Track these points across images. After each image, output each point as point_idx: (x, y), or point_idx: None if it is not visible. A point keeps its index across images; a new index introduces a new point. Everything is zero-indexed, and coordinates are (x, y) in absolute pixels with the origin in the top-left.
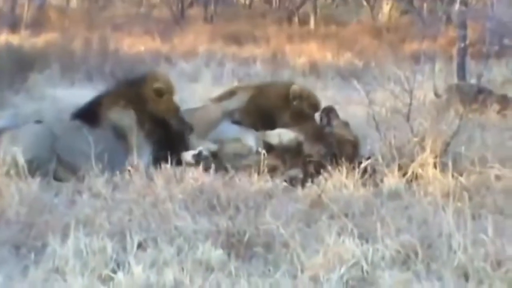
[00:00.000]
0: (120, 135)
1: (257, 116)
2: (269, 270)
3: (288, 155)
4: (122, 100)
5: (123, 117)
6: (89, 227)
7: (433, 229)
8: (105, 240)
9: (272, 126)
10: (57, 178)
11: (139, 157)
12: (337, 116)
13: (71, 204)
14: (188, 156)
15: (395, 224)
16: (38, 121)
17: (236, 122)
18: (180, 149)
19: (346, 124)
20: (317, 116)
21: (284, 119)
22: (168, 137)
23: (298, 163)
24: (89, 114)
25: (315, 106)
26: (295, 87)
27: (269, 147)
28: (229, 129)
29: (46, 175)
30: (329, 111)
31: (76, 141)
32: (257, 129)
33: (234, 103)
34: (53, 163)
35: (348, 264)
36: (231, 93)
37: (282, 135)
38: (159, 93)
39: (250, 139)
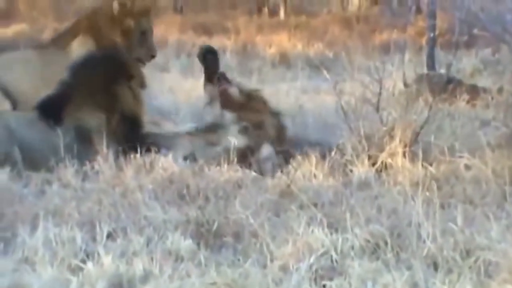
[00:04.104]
0: (85, 136)
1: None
2: (239, 260)
3: None
4: (93, 101)
5: (91, 119)
6: (58, 218)
7: (402, 218)
8: (75, 230)
9: None
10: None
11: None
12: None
13: (40, 194)
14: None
15: (364, 213)
16: None
17: None
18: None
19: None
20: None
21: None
22: (137, 132)
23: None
24: (53, 109)
25: (144, 10)
26: (115, 4)
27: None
28: None
29: (15, 165)
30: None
31: (36, 137)
32: None
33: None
34: (17, 154)
35: (318, 253)
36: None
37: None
38: None
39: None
